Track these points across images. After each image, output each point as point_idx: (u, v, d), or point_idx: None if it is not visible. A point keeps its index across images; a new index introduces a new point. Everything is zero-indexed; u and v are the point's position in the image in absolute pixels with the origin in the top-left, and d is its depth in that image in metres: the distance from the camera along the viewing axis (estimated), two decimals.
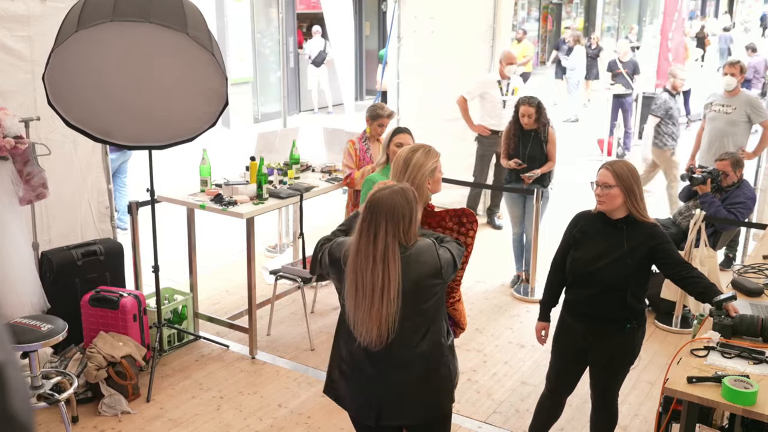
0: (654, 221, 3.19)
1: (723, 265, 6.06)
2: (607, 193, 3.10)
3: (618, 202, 3.11)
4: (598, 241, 3.19)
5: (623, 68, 10.51)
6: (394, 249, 2.45)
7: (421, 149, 2.88)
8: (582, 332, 3.30)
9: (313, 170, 5.66)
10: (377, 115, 5.12)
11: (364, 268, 2.45)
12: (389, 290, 2.43)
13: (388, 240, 2.44)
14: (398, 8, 7.73)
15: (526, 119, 5.50)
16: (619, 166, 3.15)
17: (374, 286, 2.44)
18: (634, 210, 3.12)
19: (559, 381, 3.51)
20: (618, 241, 3.13)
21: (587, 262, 3.19)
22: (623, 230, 3.14)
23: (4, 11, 4.17)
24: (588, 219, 3.28)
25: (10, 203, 4.03)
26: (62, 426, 3.86)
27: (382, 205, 2.47)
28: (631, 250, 3.11)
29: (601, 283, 3.16)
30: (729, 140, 6.18)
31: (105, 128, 4.08)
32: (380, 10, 16.47)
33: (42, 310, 4.25)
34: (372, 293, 2.44)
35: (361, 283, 2.46)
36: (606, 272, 3.14)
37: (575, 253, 3.26)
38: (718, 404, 2.58)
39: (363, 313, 2.48)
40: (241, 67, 12.88)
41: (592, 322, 3.25)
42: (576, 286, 3.30)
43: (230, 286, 5.93)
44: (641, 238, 3.12)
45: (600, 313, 3.22)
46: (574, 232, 3.30)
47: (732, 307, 2.98)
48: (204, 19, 3.85)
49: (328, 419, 4.10)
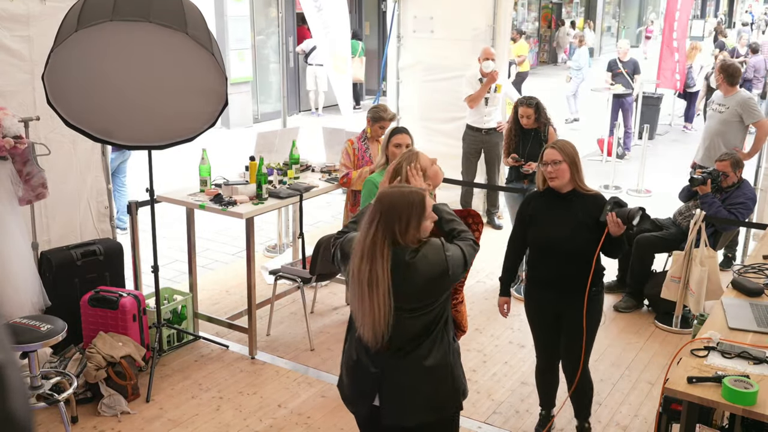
0: (597, 191, 3.53)
1: (723, 265, 6.05)
2: (557, 168, 3.41)
3: (567, 176, 3.43)
4: (552, 215, 3.50)
5: (623, 68, 10.51)
6: (383, 246, 2.43)
7: (404, 163, 2.92)
8: (552, 301, 3.59)
9: (312, 170, 5.66)
10: (379, 118, 5.12)
11: (357, 262, 2.46)
12: (377, 287, 2.41)
13: (378, 236, 2.43)
14: (398, 8, 7.73)
15: (525, 120, 5.53)
16: (563, 143, 3.52)
17: (362, 281, 2.43)
18: (578, 182, 3.46)
19: (547, 350, 3.78)
20: (571, 212, 3.45)
21: (547, 236, 3.49)
22: (573, 202, 3.47)
23: (4, 11, 4.17)
24: (538, 198, 3.59)
25: (9, 203, 4.03)
26: (62, 426, 3.85)
27: (383, 201, 2.48)
28: (584, 218, 3.42)
29: (563, 253, 3.45)
30: (720, 140, 6.17)
31: (104, 128, 4.08)
32: (380, 10, 16.46)
33: (42, 308, 4.25)
34: (361, 288, 2.44)
35: (357, 277, 2.46)
36: (566, 242, 3.44)
37: (534, 230, 3.55)
38: (718, 404, 2.58)
39: (358, 309, 2.48)
40: (240, 67, 12.87)
41: (560, 290, 3.53)
42: (539, 259, 3.60)
43: (230, 286, 5.93)
44: (590, 207, 3.44)
45: (566, 280, 3.48)
46: (528, 211, 3.60)
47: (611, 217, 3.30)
48: (203, 18, 3.85)
49: (328, 419, 4.10)
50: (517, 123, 5.62)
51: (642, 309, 5.59)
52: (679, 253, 5.05)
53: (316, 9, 7.17)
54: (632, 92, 10.56)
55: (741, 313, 3.22)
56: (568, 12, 25.91)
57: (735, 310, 3.26)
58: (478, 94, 6.74)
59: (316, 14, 7.22)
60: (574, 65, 13.94)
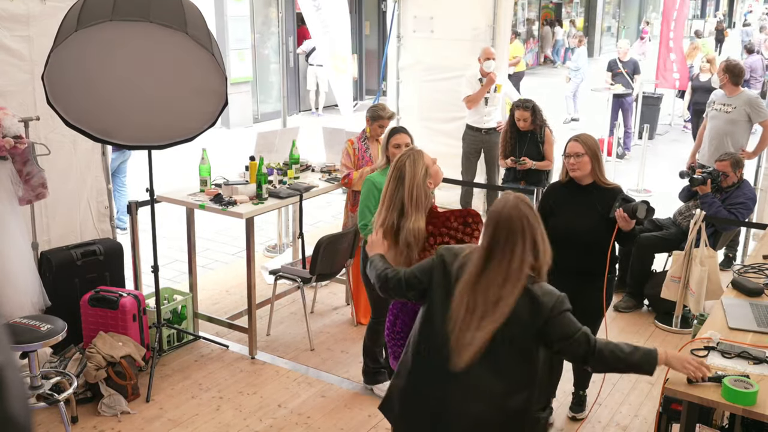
0: (616, 185, 3.69)
1: (723, 265, 6.05)
2: (579, 160, 3.58)
3: (588, 168, 3.59)
4: (573, 206, 3.66)
5: (623, 68, 10.50)
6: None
7: (407, 161, 2.90)
8: (571, 289, 3.45)
9: (312, 170, 5.66)
10: (378, 116, 5.11)
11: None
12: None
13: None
14: (398, 8, 7.73)
15: (522, 122, 5.58)
16: (585, 136, 3.65)
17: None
18: (599, 175, 3.62)
19: None
20: (590, 203, 3.61)
21: (567, 225, 3.62)
22: (593, 194, 3.63)
23: (4, 11, 4.16)
24: (559, 189, 3.76)
25: (9, 203, 4.03)
26: (62, 426, 3.85)
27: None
28: (603, 210, 3.57)
29: (583, 242, 3.60)
30: (728, 139, 6.18)
31: (104, 128, 4.08)
32: (380, 10, 16.45)
33: (42, 308, 4.25)
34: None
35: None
36: (585, 232, 3.60)
37: (555, 220, 3.64)
38: (718, 404, 2.58)
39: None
40: (240, 67, 12.87)
41: (578, 278, 3.59)
42: (560, 248, 3.52)
43: (230, 286, 5.93)
44: (609, 200, 3.59)
45: (584, 268, 3.63)
46: (549, 202, 3.76)
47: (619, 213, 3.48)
48: (203, 18, 3.85)
49: (327, 419, 4.10)
50: (514, 125, 5.66)
51: (642, 309, 5.60)
52: (679, 253, 5.05)
53: (315, 8, 7.16)
54: (632, 92, 10.55)
55: (741, 313, 3.22)
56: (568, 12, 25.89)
57: (735, 310, 3.26)
58: (477, 95, 6.74)
59: (314, 13, 7.21)
60: (572, 65, 13.94)
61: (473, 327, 2.25)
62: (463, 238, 2.81)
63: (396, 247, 2.94)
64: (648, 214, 3.54)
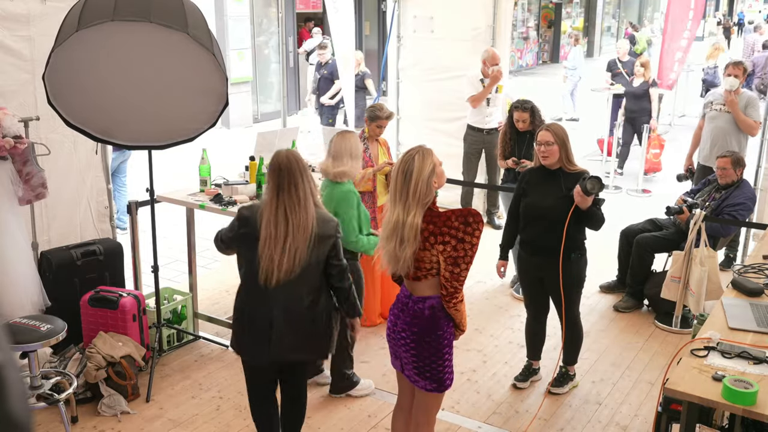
0: (583, 169, 3.99)
1: (723, 265, 6.06)
2: (549, 149, 3.95)
3: (557, 156, 3.96)
4: (542, 188, 4.04)
5: (623, 68, 10.50)
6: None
7: (416, 155, 2.89)
8: (537, 263, 4.13)
9: (313, 170, 5.65)
10: (376, 117, 5.12)
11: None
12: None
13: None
14: (398, 8, 7.73)
15: (521, 124, 5.58)
16: (556, 126, 4.06)
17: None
18: (566, 161, 3.98)
19: (534, 305, 4.35)
20: (557, 186, 3.97)
21: (536, 205, 4.05)
22: (560, 177, 3.98)
23: (4, 11, 4.17)
24: (532, 173, 4.16)
25: (9, 203, 4.03)
26: (61, 426, 3.85)
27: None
28: (568, 191, 3.90)
29: (548, 220, 3.97)
30: (732, 138, 6.18)
31: (105, 128, 4.08)
32: (380, 10, 16.46)
33: (42, 308, 4.25)
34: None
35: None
36: (551, 211, 3.96)
37: (526, 200, 4.10)
38: (718, 404, 2.58)
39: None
40: (240, 67, 12.87)
41: (544, 254, 4.03)
42: (529, 226, 4.13)
43: (230, 286, 5.92)
44: (574, 182, 3.90)
45: (549, 245, 3.98)
46: (522, 184, 4.16)
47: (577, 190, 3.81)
48: (204, 18, 3.85)
49: (327, 419, 4.10)
50: (512, 126, 5.66)
51: (642, 309, 5.60)
52: (679, 253, 5.05)
53: (335, 10, 7.31)
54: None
55: (741, 313, 3.22)
56: (568, 12, 25.90)
57: (735, 310, 3.27)
58: (482, 94, 6.75)
59: (334, 15, 7.36)
60: (569, 65, 13.96)
61: (279, 251, 3.01)
62: (463, 237, 2.81)
63: (391, 241, 2.95)
64: (596, 186, 3.79)
